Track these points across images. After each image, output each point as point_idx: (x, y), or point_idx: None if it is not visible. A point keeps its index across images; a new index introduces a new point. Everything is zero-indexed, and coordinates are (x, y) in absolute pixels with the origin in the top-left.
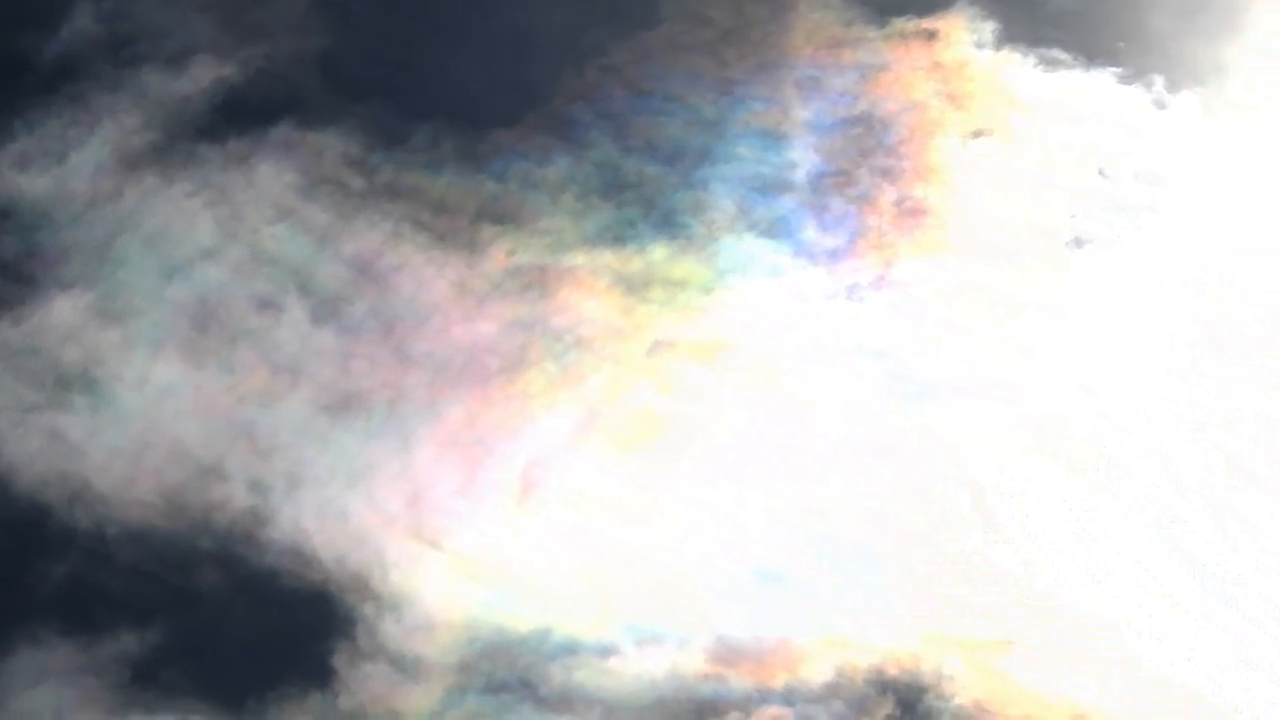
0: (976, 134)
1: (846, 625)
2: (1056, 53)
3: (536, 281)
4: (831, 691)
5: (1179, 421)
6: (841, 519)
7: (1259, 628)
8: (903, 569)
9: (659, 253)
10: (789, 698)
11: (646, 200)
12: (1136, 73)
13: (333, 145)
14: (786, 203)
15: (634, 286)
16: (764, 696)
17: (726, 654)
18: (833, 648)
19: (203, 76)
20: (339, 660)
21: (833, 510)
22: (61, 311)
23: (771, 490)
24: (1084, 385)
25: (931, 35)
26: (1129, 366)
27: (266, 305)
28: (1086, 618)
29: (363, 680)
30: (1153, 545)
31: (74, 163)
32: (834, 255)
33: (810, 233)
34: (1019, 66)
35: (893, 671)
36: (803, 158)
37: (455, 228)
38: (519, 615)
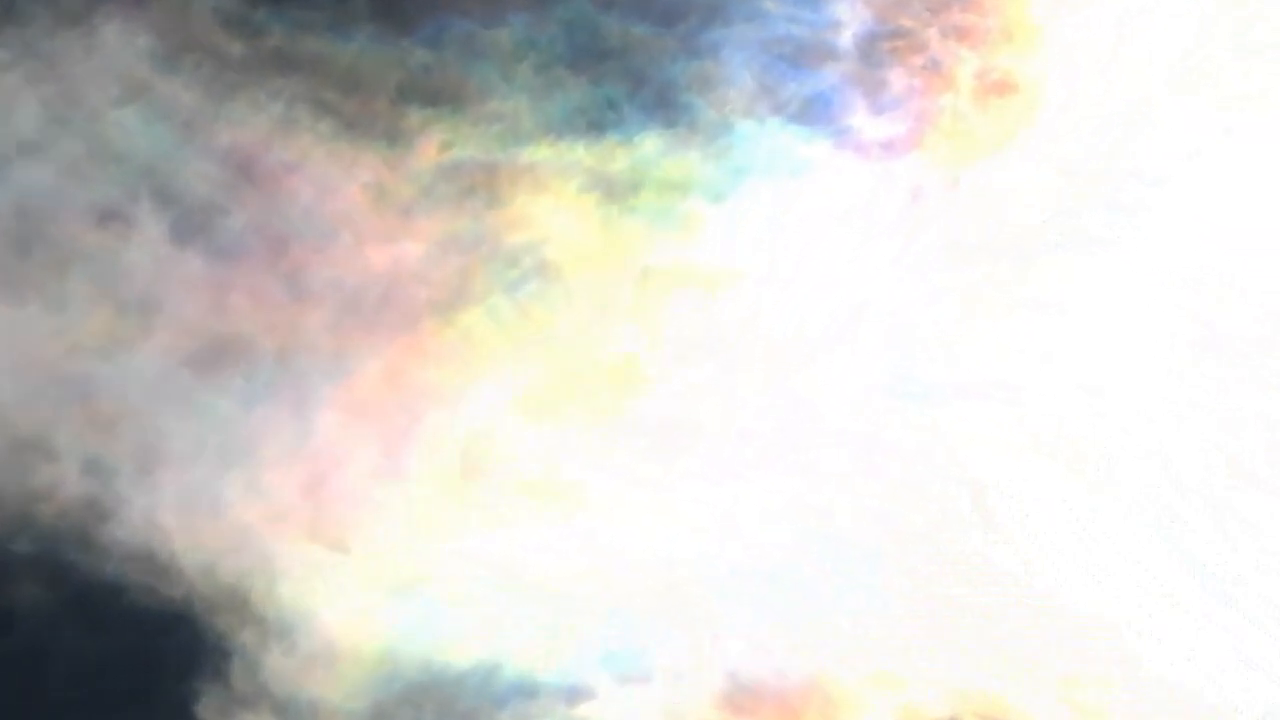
0: None
1: (904, 657)
2: None
3: (482, 185)
4: None
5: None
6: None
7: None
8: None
9: (651, 145)
10: None
11: (634, 74)
12: None
13: None
14: (827, 76)
15: (616, 192)
16: None
17: (741, 696)
18: (883, 688)
19: None
20: (206, 708)
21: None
22: None
23: (798, 482)
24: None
25: None
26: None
27: (111, 218)
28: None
29: None
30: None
31: None
32: (891, 148)
33: (859, 117)
34: None
35: None
36: (849, 15)
37: (370, 112)
38: (456, 644)
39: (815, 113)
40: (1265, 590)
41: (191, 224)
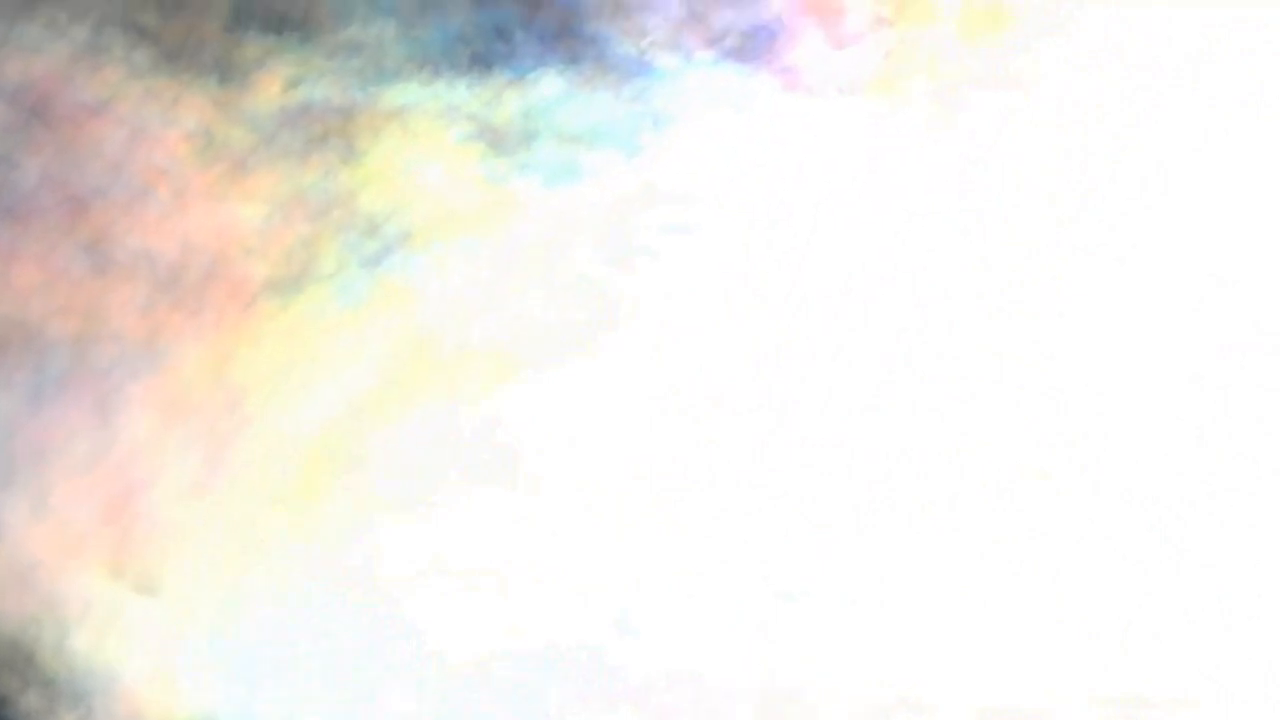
0: None
1: (917, 669)
2: None
3: (336, 133)
4: None
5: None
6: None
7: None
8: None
9: (549, 85)
10: None
11: None
12: None
13: None
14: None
15: (505, 143)
16: None
17: None
18: (886, 710)
19: None
20: None
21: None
22: None
23: (753, 467)
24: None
25: None
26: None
27: None
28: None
29: None
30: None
31: None
32: (852, 92)
33: (812, 53)
34: None
35: None
36: None
37: (198, 39)
38: (299, 715)
39: (756, 47)
40: (1265, 590)
41: None
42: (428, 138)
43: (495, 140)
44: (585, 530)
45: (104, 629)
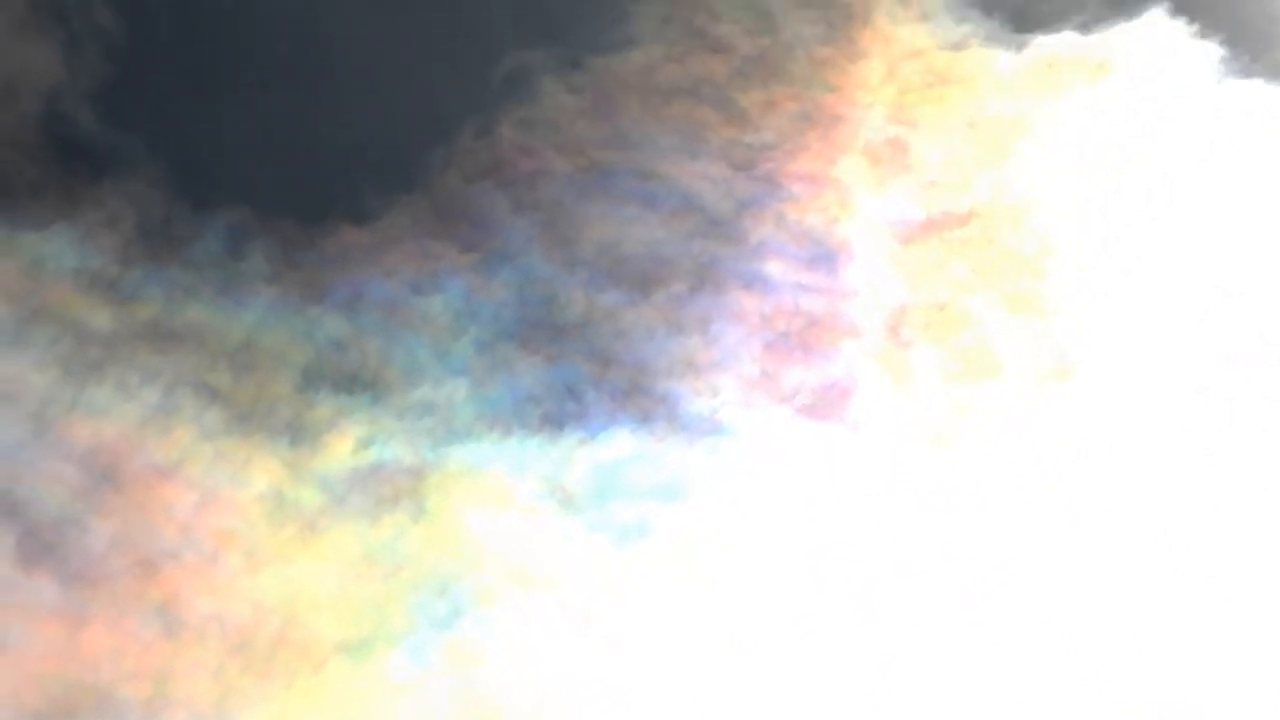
0: None
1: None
2: None
3: (407, 493)
4: None
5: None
6: None
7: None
8: None
9: (621, 444)
10: None
11: (601, 353)
12: None
13: (60, 253)
14: (844, 359)
15: (576, 502)
16: None
17: None
18: None
19: None
20: None
21: None
22: None
23: None
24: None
25: None
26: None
27: None
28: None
29: None
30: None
31: None
32: (924, 446)
33: (884, 410)
34: None
35: None
36: (873, 282)
37: (269, 400)
38: None
39: (828, 403)
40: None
41: (41, 541)
42: (498, 497)
43: (566, 499)
44: None
45: None
